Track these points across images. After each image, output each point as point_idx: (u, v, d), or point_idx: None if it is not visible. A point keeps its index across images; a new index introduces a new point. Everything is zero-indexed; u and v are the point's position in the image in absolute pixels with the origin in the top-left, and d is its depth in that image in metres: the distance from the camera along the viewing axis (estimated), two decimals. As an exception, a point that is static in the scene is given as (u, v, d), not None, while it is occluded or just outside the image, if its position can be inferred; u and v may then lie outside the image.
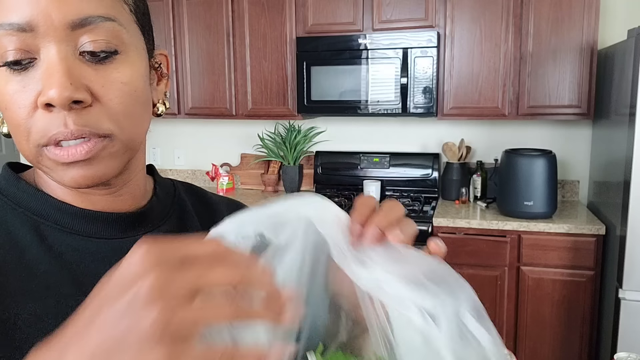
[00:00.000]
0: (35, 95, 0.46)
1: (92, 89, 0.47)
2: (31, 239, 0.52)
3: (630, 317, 2.34)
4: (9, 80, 0.47)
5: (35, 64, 0.47)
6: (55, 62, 0.46)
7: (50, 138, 0.47)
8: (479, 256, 2.68)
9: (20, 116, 0.47)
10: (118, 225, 0.56)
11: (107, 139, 0.49)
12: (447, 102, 2.89)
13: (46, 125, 0.47)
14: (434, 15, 2.85)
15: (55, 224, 0.53)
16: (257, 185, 3.58)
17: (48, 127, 0.47)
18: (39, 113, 0.47)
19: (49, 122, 0.47)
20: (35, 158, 0.50)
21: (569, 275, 2.59)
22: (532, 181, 2.65)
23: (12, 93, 0.47)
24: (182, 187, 0.69)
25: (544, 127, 3.11)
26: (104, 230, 0.55)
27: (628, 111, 2.30)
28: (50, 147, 0.48)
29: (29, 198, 0.54)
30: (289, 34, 3.06)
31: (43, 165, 0.50)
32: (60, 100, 0.45)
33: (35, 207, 0.53)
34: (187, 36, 3.23)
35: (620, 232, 2.36)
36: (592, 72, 2.70)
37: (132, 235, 0.56)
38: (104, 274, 0.51)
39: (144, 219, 0.58)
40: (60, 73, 0.46)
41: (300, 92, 3.03)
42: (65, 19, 0.46)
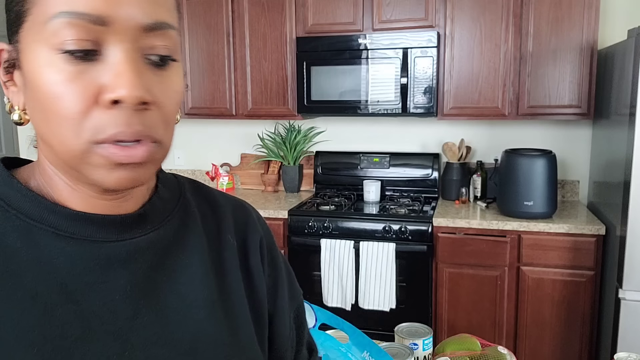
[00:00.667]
0: (94, 90, 0.45)
1: (153, 93, 0.48)
2: (21, 244, 0.49)
3: (630, 317, 2.34)
4: (63, 69, 0.44)
5: (97, 59, 0.45)
6: (124, 61, 0.45)
7: (110, 136, 0.46)
8: (479, 256, 2.68)
9: (75, 109, 0.45)
10: (115, 227, 0.53)
11: (157, 145, 0.49)
12: (447, 102, 2.89)
13: (107, 122, 0.45)
14: (434, 15, 2.85)
15: (48, 227, 0.50)
16: (257, 185, 3.58)
17: (109, 124, 0.45)
18: (98, 109, 0.45)
19: (111, 120, 0.45)
20: (81, 154, 0.47)
21: (569, 275, 2.59)
22: (532, 181, 2.65)
23: (65, 83, 0.45)
24: (188, 185, 0.67)
25: (544, 127, 3.12)
26: (99, 232, 0.52)
27: (628, 111, 2.30)
28: (107, 145, 0.46)
29: (22, 199, 0.51)
30: (289, 34, 3.06)
31: (89, 162, 0.47)
32: (132, 100, 0.45)
33: (28, 209, 0.51)
34: (187, 36, 3.24)
35: (620, 232, 2.36)
36: (592, 72, 2.70)
37: (128, 237, 0.53)
38: (94, 279, 0.50)
39: (142, 220, 0.55)
40: (133, 73, 0.45)
41: (300, 92, 3.03)
42: (142, 21, 0.46)
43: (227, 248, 0.63)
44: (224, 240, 0.63)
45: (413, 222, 2.74)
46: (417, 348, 1.17)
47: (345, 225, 2.83)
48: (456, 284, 2.73)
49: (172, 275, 0.56)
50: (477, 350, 1.13)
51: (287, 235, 2.93)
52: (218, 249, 0.62)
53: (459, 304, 2.75)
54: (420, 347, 1.17)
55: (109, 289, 0.51)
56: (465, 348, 1.14)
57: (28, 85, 0.48)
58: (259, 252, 0.66)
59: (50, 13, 0.44)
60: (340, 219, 2.85)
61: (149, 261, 0.55)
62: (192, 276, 0.58)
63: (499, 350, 1.09)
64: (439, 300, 2.77)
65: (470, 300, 2.73)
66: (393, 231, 2.75)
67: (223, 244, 0.63)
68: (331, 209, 2.95)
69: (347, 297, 2.80)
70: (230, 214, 0.66)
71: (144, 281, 0.54)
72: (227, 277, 0.61)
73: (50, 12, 0.44)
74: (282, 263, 0.71)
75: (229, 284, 0.61)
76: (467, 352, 1.12)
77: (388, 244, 2.71)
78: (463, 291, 2.73)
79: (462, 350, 1.13)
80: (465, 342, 1.16)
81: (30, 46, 0.46)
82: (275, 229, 2.94)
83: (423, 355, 1.17)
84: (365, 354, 1.00)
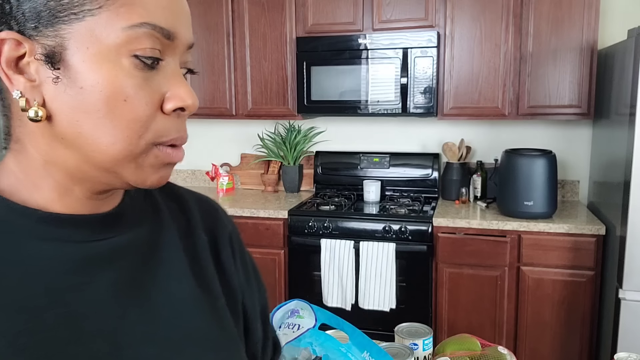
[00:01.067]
0: (160, 97, 0.50)
1: None
2: (0, 250, 0.49)
3: (630, 317, 2.34)
4: (133, 74, 0.48)
5: (157, 68, 0.50)
6: (179, 73, 0.52)
7: (171, 140, 0.51)
8: (479, 256, 2.68)
9: (145, 112, 0.49)
10: (96, 226, 0.53)
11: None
12: (447, 102, 2.89)
13: (171, 127, 0.51)
14: (434, 15, 2.85)
15: (27, 230, 0.50)
16: (257, 185, 3.58)
17: (172, 129, 0.51)
18: (160, 114, 0.50)
19: (174, 126, 0.51)
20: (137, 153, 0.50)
21: (569, 275, 2.59)
22: (532, 181, 2.65)
23: (136, 87, 0.48)
24: None
25: (544, 127, 3.12)
26: (81, 232, 0.52)
27: (628, 111, 2.30)
28: (163, 147, 0.51)
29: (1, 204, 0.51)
30: (289, 34, 3.06)
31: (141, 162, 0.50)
32: (194, 109, 0.52)
33: (5, 215, 0.50)
34: (187, 36, 3.23)
35: (620, 232, 2.36)
36: (592, 72, 2.70)
37: (109, 236, 0.54)
38: (80, 280, 0.50)
39: (120, 219, 0.56)
40: (188, 85, 0.52)
41: (300, 92, 3.03)
42: (190, 39, 0.53)
43: (199, 244, 0.63)
44: (195, 236, 0.64)
45: (413, 222, 2.74)
46: (417, 348, 1.17)
47: (345, 225, 2.83)
48: (456, 284, 2.73)
49: (155, 272, 0.57)
50: (477, 350, 1.13)
51: (287, 235, 2.93)
52: (192, 245, 0.63)
53: (459, 304, 2.74)
54: (420, 347, 1.17)
55: (95, 289, 0.51)
56: (466, 348, 1.14)
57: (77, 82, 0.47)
58: (229, 246, 0.68)
59: (134, 21, 0.48)
60: (340, 219, 2.84)
61: (132, 259, 0.55)
62: (174, 273, 0.58)
63: (499, 350, 1.09)
64: (439, 300, 2.77)
65: (470, 301, 2.73)
66: (393, 231, 2.75)
67: (195, 239, 0.63)
68: (331, 209, 2.95)
69: (347, 297, 2.80)
70: (197, 210, 0.67)
71: (129, 280, 0.54)
72: (204, 272, 0.62)
73: (134, 20, 0.47)
74: (249, 257, 0.73)
75: (207, 279, 0.62)
76: (467, 352, 1.12)
77: (388, 244, 2.71)
78: (463, 291, 2.73)
79: (462, 350, 1.13)
80: (465, 342, 1.16)
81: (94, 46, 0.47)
82: (275, 229, 2.94)
83: (423, 356, 1.17)
84: (365, 354, 1.00)
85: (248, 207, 3.00)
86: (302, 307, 0.91)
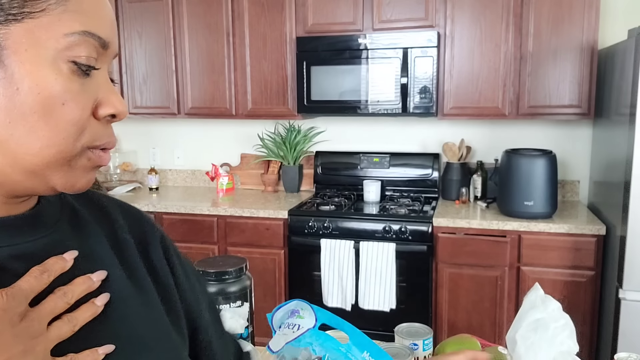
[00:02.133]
0: (93, 102, 0.51)
1: None
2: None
3: (630, 317, 2.34)
4: (71, 79, 0.49)
5: (91, 75, 0.51)
6: (108, 80, 0.54)
7: (104, 144, 0.53)
8: (479, 256, 2.67)
9: (81, 116, 0.50)
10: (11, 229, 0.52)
11: None
12: (447, 102, 2.89)
13: (103, 132, 0.53)
14: (434, 15, 2.85)
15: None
16: (257, 185, 3.58)
17: (103, 134, 0.53)
18: (92, 119, 0.52)
19: (105, 131, 0.53)
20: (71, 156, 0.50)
21: (569, 275, 2.59)
22: (532, 181, 2.65)
23: (74, 92, 0.49)
24: None
25: (544, 127, 3.11)
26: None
27: (628, 111, 2.30)
28: (96, 150, 0.53)
29: None
30: (289, 33, 3.06)
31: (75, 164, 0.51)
32: (125, 115, 0.54)
33: None
34: (187, 36, 3.23)
35: (621, 232, 2.36)
36: (593, 72, 2.70)
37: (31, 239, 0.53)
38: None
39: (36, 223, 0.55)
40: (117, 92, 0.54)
41: (300, 92, 3.03)
42: (116, 50, 0.55)
43: (127, 247, 0.63)
44: (121, 239, 0.64)
45: (413, 222, 2.74)
46: (417, 348, 1.16)
47: (345, 225, 2.83)
48: (456, 284, 2.73)
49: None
50: (477, 350, 1.13)
51: (287, 235, 2.93)
52: (118, 247, 0.62)
53: (459, 304, 2.74)
54: (420, 348, 1.17)
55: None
56: (466, 348, 1.14)
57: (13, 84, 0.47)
58: (160, 247, 0.68)
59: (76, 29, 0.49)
60: (340, 219, 2.84)
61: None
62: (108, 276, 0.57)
63: (499, 351, 1.09)
64: (439, 300, 2.77)
65: (470, 301, 2.72)
66: (393, 231, 2.75)
67: (121, 243, 0.63)
68: (331, 209, 2.95)
69: (347, 297, 2.80)
70: (119, 214, 0.67)
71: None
72: (135, 273, 0.62)
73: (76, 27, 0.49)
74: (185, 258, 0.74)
75: (139, 278, 0.62)
76: None
77: (388, 244, 2.71)
78: (463, 291, 2.73)
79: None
80: (465, 342, 1.16)
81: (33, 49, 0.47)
82: (275, 229, 2.93)
83: (423, 356, 1.17)
84: (365, 354, 1.00)
85: (248, 207, 3.00)
86: (302, 307, 0.91)
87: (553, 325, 0.87)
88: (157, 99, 3.37)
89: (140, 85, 3.39)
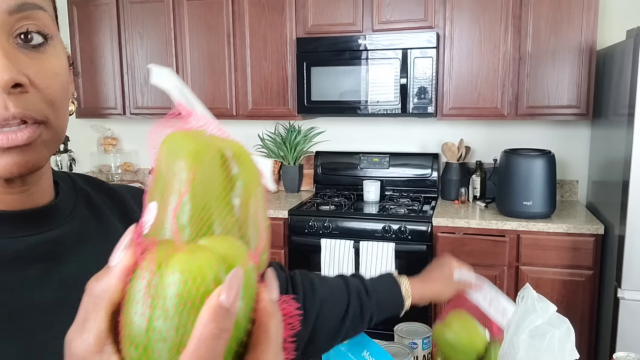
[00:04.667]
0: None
1: (28, 76, 0.47)
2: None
3: (629, 317, 2.35)
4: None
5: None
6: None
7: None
8: (478, 256, 2.69)
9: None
10: (30, 221, 0.52)
11: (42, 126, 0.49)
12: (447, 102, 2.90)
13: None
14: (433, 16, 2.86)
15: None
16: (257, 186, 3.58)
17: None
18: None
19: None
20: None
21: (568, 275, 2.60)
22: (531, 181, 2.66)
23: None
24: (78, 178, 0.66)
25: (543, 127, 3.12)
26: (15, 229, 0.51)
27: (627, 111, 2.31)
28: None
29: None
30: (289, 34, 3.07)
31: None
32: (4, 83, 0.45)
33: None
34: (187, 37, 3.24)
35: (619, 231, 2.37)
36: (591, 72, 2.71)
37: (45, 230, 0.53)
38: (22, 274, 0.50)
39: (57, 212, 0.55)
40: (2, 56, 0.45)
41: (300, 92, 3.04)
42: (4, 5, 0.46)
43: None
44: (133, 220, 0.65)
45: (413, 222, 2.75)
46: (417, 347, 1.18)
47: (345, 225, 2.84)
48: (456, 283, 2.74)
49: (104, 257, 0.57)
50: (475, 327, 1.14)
51: (287, 235, 2.94)
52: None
53: (459, 303, 2.75)
54: (419, 346, 1.18)
55: (44, 283, 0.51)
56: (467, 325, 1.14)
57: None
58: None
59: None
60: (340, 219, 2.85)
61: (76, 251, 0.55)
62: None
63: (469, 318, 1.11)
64: (439, 300, 2.78)
65: (469, 300, 2.73)
66: (393, 231, 2.76)
67: (133, 223, 0.65)
68: (331, 209, 2.96)
69: (347, 297, 2.80)
70: (130, 198, 0.67)
71: (77, 273, 0.53)
72: None
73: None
74: None
75: None
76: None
77: (388, 243, 2.72)
78: (462, 291, 2.74)
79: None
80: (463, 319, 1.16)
81: None
82: (275, 228, 2.94)
83: (422, 355, 1.18)
84: (365, 353, 1.01)
85: (248, 207, 3.01)
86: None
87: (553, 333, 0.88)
88: (158, 100, 3.38)
89: (142, 86, 3.40)
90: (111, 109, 3.48)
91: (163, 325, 0.30)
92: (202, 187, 0.35)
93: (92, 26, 3.43)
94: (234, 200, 0.36)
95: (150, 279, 0.31)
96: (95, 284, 0.33)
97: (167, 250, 0.32)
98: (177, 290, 0.30)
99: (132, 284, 0.32)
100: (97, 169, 3.84)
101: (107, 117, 3.55)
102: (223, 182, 0.36)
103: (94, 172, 3.79)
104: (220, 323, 0.29)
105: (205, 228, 0.34)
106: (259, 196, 0.38)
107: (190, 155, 0.35)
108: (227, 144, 0.38)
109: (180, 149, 0.35)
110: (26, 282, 0.50)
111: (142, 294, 0.31)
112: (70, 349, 0.32)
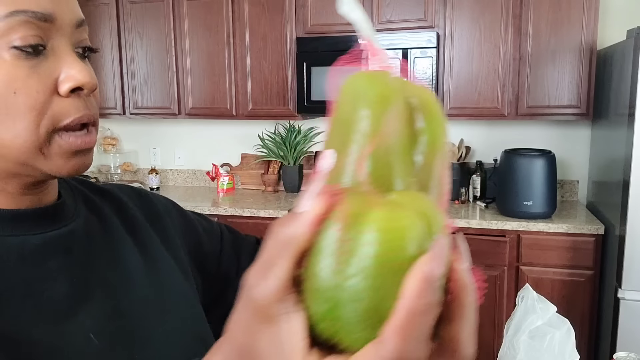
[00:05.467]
0: (52, 81, 0.48)
1: None
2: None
3: (629, 317, 2.35)
4: (17, 65, 0.46)
5: (44, 53, 0.48)
6: (70, 53, 0.50)
7: (72, 120, 0.49)
8: (479, 256, 2.68)
9: (38, 100, 0.48)
10: (45, 218, 0.54)
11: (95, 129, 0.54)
12: (447, 102, 2.90)
13: (70, 108, 0.49)
14: (433, 16, 2.86)
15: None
16: (257, 185, 3.58)
17: (71, 110, 0.49)
18: (57, 98, 0.49)
19: (72, 106, 0.49)
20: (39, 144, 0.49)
21: (568, 275, 2.60)
22: (531, 181, 2.65)
23: (23, 78, 0.47)
24: (70, 179, 0.67)
25: (543, 127, 3.12)
26: (35, 226, 0.53)
27: (627, 111, 2.31)
28: (63, 134, 0.50)
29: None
30: (289, 34, 3.07)
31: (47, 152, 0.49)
32: (91, 85, 0.50)
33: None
34: (187, 37, 3.24)
35: (620, 231, 2.36)
36: (592, 72, 2.70)
37: (59, 226, 0.55)
38: (44, 266, 0.51)
39: (64, 209, 0.57)
40: (82, 62, 0.50)
41: (300, 92, 3.03)
42: (75, 17, 0.51)
43: (136, 223, 0.66)
44: (130, 216, 0.66)
45: (413, 222, 2.75)
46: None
47: (345, 225, 2.84)
48: (456, 283, 2.73)
49: (105, 255, 0.59)
50: None
51: (287, 235, 2.93)
52: (129, 225, 0.65)
53: (459, 303, 2.75)
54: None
55: (65, 273, 0.53)
56: None
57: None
58: (167, 216, 0.71)
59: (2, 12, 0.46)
60: (340, 219, 2.85)
61: (85, 246, 0.57)
62: (127, 254, 0.61)
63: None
64: (439, 300, 2.78)
65: (469, 300, 2.73)
66: (393, 231, 2.76)
67: (130, 220, 0.66)
68: (331, 209, 2.95)
69: (347, 297, 2.80)
70: (124, 195, 0.69)
71: (88, 266, 0.56)
72: (147, 244, 0.65)
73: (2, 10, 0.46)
74: (194, 214, 0.78)
75: (152, 249, 0.65)
76: None
77: (388, 243, 2.72)
78: (463, 291, 2.73)
79: None
80: None
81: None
82: (275, 229, 2.94)
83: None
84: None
85: (248, 207, 3.01)
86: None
87: (553, 333, 0.87)
88: (158, 100, 3.38)
89: (141, 86, 3.40)
90: (111, 109, 3.48)
91: (358, 285, 0.28)
92: (384, 140, 0.32)
93: (92, 26, 3.42)
94: (415, 157, 0.33)
95: (344, 233, 0.29)
96: (282, 228, 0.31)
97: (361, 203, 0.30)
98: (376, 250, 0.28)
99: (322, 234, 0.29)
100: (96, 169, 3.84)
101: (106, 117, 3.54)
102: (407, 135, 0.33)
103: (94, 172, 3.79)
104: (430, 297, 0.28)
105: (386, 186, 0.31)
106: (443, 156, 0.34)
107: (374, 103, 0.33)
108: (413, 90, 0.35)
109: (364, 94, 0.34)
110: (48, 273, 0.52)
111: (335, 247, 0.29)
112: (251, 294, 0.31)
